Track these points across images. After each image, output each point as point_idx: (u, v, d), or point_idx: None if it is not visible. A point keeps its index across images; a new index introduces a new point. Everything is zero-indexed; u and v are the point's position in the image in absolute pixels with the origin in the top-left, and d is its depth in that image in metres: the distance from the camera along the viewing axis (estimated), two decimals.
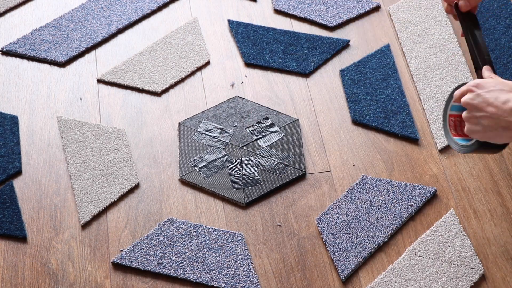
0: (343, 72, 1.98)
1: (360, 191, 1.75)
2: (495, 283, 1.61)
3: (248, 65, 2.01)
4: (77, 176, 1.78)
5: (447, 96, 1.58)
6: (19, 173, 1.80)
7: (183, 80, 1.99)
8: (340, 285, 1.62)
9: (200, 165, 1.80)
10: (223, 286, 1.61)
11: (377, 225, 1.69)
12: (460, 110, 1.39)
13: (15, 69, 2.01)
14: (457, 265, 1.62)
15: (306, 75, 1.99)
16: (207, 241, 1.67)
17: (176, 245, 1.67)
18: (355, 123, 1.89)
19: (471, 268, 1.62)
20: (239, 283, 1.61)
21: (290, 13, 2.12)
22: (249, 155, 1.82)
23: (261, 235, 1.70)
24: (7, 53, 2.04)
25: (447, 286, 1.59)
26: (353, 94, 1.94)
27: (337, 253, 1.65)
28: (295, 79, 1.98)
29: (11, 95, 1.95)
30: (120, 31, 2.10)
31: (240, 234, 1.69)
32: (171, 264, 1.64)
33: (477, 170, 1.79)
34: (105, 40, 2.07)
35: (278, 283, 1.62)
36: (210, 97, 1.95)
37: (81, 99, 1.94)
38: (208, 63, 2.02)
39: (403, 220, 1.70)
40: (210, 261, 1.64)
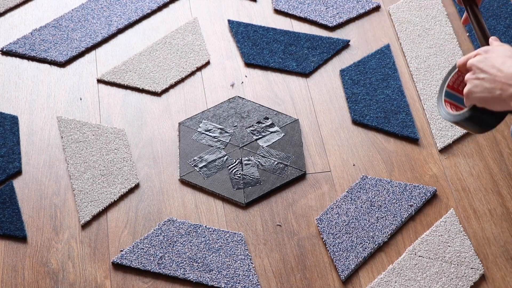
0: (343, 72, 1.98)
1: (360, 191, 1.75)
2: (495, 283, 1.61)
3: (248, 65, 2.01)
4: (77, 176, 1.78)
5: (449, 68, 1.55)
6: (19, 173, 1.80)
7: (183, 80, 1.99)
8: (340, 285, 1.62)
9: (200, 165, 1.80)
10: (223, 286, 1.61)
11: (377, 225, 1.69)
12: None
13: (15, 69, 2.01)
14: (457, 265, 1.62)
15: (306, 75, 1.99)
16: (207, 241, 1.67)
17: (176, 245, 1.67)
18: (355, 123, 1.89)
19: (471, 268, 1.62)
20: (239, 283, 1.61)
21: (290, 13, 2.12)
22: (249, 155, 1.82)
23: (261, 235, 1.70)
24: (7, 53, 2.04)
25: (447, 286, 1.59)
26: (353, 94, 1.94)
27: (337, 253, 1.65)
28: (295, 79, 1.98)
29: (11, 95, 1.95)
30: (120, 31, 2.10)
31: (240, 234, 1.69)
32: (171, 264, 1.64)
33: (477, 170, 1.79)
34: (105, 40, 2.07)
35: (278, 283, 1.62)
36: (210, 97, 1.95)
37: (81, 99, 1.94)
38: (208, 63, 2.02)
39: (403, 220, 1.70)
40: (210, 261, 1.64)
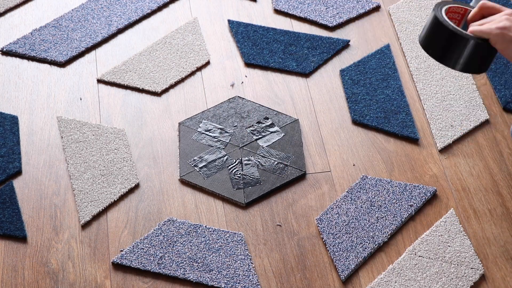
0: (343, 72, 1.98)
1: (360, 191, 1.75)
2: (495, 283, 1.61)
3: (248, 65, 2.01)
4: (77, 176, 1.78)
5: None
6: (19, 173, 1.80)
7: (183, 80, 1.99)
8: (340, 285, 1.62)
9: (200, 165, 1.80)
10: (223, 286, 1.61)
11: (377, 225, 1.69)
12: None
13: (15, 69, 2.01)
14: (457, 265, 1.62)
15: (306, 75, 1.99)
16: (207, 241, 1.67)
17: (176, 245, 1.67)
18: (355, 123, 1.89)
19: (471, 268, 1.62)
20: (239, 283, 1.61)
21: (290, 13, 2.12)
22: (249, 155, 1.82)
23: (261, 235, 1.70)
24: (7, 53, 2.04)
25: (447, 286, 1.59)
26: (353, 94, 1.94)
27: (337, 253, 1.65)
28: (295, 79, 1.98)
29: (11, 95, 1.95)
30: (120, 31, 2.10)
31: (240, 234, 1.69)
32: (171, 264, 1.64)
33: (477, 170, 1.79)
34: (105, 40, 2.07)
35: (278, 283, 1.62)
36: (210, 97, 1.95)
37: (81, 99, 1.94)
38: (208, 63, 2.02)
39: (403, 220, 1.70)
40: (210, 261, 1.64)
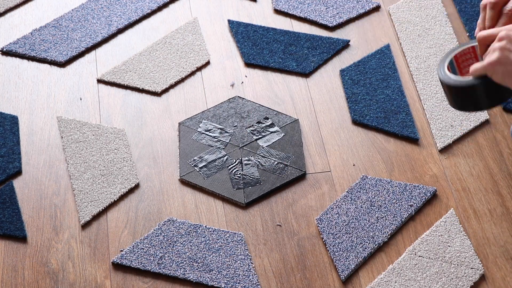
0: (343, 72, 1.98)
1: (360, 191, 1.75)
2: (495, 283, 1.61)
3: (248, 65, 2.01)
4: (77, 176, 1.78)
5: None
6: (19, 173, 1.80)
7: (183, 80, 1.99)
8: (340, 285, 1.62)
9: (200, 165, 1.80)
10: (223, 286, 1.61)
11: (377, 225, 1.69)
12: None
13: (15, 69, 2.01)
14: (457, 265, 1.62)
15: (306, 75, 1.99)
16: (207, 241, 1.67)
17: (176, 245, 1.67)
18: (355, 123, 1.89)
19: (471, 268, 1.62)
20: (239, 283, 1.61)
21: (290, 13, 2.12)
22: (249, 155, 1.82)
23: (261, 235, 1.70)
24: (7, 53, 2.04)
25: (447, 286, 1.59)
26: (353, 94, 1.94)
27: (337, 253, 1.65)
28: (295, 79, 1.98)
29: (11, 95, 1.95)
30: (120, 31, 2.10)
31: (240, 234, 1.69)
32: (171, 264, 1.64)
33: (477, 170, 1.79)
34: (105, 40, 2.08)
35: (278, 283, 1.62)
36: (210, 97, 1.95)
37: (81, 99, 1.94)
38: (208, 63, 2.02)
39: (403, 220, 1.70)
40: (210, 261, 1.64)
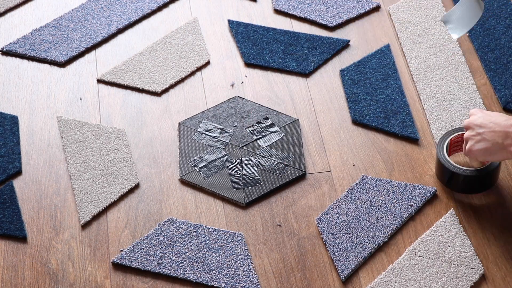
0: (343, 72, 1.98)
1: (360, 191, 1.75)
2: (495, 283, 1.61)
3: (248, 65, 2.01)
4: (77, 176, 1.78)
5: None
6: (19, 173, 1.80)
7: (183, 80, 1.99)
8: (340, 285, 1.62)
9: (200, 165, 1.80)
10: (223, 286, 1.61)
11: (377, 225, 1.69)
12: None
13: (15, 69, 2.01)
14: (457, 265, 1.62)
15: (306, 75, 1.99)
16: (207, 241, 1.67)
17: (176, 245, 1.67)
18: (355, 123, 1.89)
19: (471, 268, 1.62)
20: (239, 283, 1.61)
21: (290, 13, 2.12)
22: (249, 155, 1.82)
23: (261, 235, 1.70)
24: (7, 53, 2.05)
25: (447, 286, 1.59)
26: (353, 94, 1.94)
27: (337, 253, 1.65)
28: (295, 79, 1.98)
29: (11, 95, 1.95)
30: (120, 31, 2.10)
31: (240, 234, 1.69)
32: (171, 264, 1.64)
33: None
34: (105, 40, 2.08)
35: (278, 283, 1.62)
36: (210, 97, 1.95)
37: (81, 99, 1.94)
38: (208, 63, 2.02)
39: (403, 220, 1.70)
40: (210, 261, 1.64)
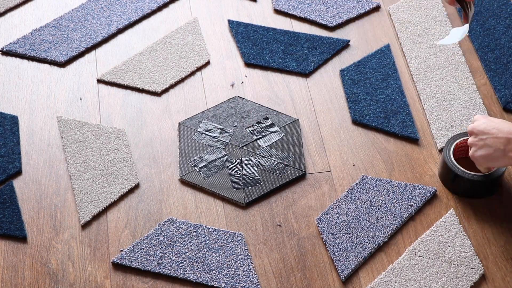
0: (343, 72, 1.98)
1: (360, 191, 1.75)
2: (495, 283, 1.61)
3: (248, 65, 2.01)
4: (77, 176, 1.78)
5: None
6: (19, 173, 1.80)
7: (183, 80, 1.99)
8: (340, 285, 1.62)
9: (200, 165, 1.80)
10: (223, 286, 1.61)
11: (377, 225, 1.69)
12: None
13: (15, 69, 2.01)
14: (457, 265, 1.62)
15: (306, 75, 1.99)
16: (207, 241, 1.67)
17: (176, 245, 1.67)
18: (355, 123, 1.89)
19: (471, 268, 1.62)
20: (239, 283, 1.61)
21: (290, 13, 2.12)
22: (249, 155, 1.82)
23: (261, 235, 1.70)
24: (7, 53, 2.04)
25: (447, 286, 1.59)
26: (353, 94, 1.94)
27: (337, 253, 1.65)
28: (295, 79, 1.98)
29: (11, 95, 1.95)
30: (120, 31, 2.10)
31: (240, 234, 1.69)
32: (171, 264, 1.64)
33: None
34: (105, 40, 2.07)
35: (278, 283, 1.62)
36: (210, 97, 1.95)
37: (81, 99, 1.94)
38: (208, 63, 2.02)
39: (403, 220, 1.70)
40: (210, 261, 1.64)
